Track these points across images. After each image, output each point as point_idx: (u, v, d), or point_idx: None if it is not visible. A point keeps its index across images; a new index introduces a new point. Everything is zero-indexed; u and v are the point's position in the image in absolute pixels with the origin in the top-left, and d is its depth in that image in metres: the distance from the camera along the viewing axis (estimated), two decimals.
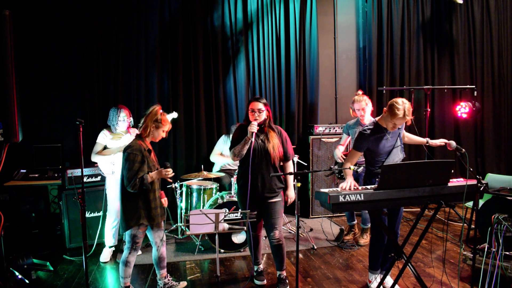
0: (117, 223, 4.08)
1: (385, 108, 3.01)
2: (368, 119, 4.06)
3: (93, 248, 4.17)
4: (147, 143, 3.08)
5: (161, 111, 3.10)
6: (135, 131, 4.13)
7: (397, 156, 3.15)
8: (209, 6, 5.52)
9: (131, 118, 4.14)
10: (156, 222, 3.03)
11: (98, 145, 4.00)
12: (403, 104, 2.89)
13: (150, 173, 2.96)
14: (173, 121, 5.14)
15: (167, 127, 3.11)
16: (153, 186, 3.03)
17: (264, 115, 3.20)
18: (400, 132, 3.19)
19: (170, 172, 3.00)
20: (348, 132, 4.31)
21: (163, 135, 3.12)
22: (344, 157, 4.14)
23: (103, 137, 4.02)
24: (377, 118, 3.14)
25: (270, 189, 3.23)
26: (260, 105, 3.18)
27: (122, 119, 4.00)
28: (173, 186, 4.42)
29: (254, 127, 3.13)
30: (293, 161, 4.54)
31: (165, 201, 3.25)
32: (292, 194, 3.40)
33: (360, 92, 4.17)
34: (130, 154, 2.91)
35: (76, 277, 3.65)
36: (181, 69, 5.40)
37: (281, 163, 3.35)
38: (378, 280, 3.31)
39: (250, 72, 5.72)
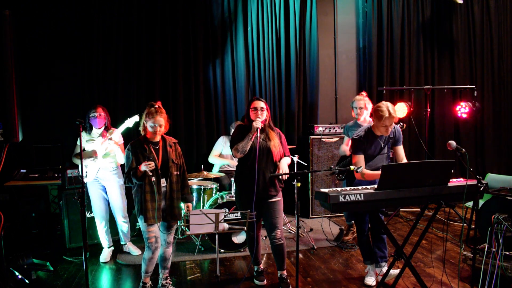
0: (105, 224, 4.09)
1: (372, 117, 3.15)
2: (364, 118, 4.11)
3: (90, 248, 4.16)
4: (151, 139, 3.07)
5: (156, 105, 3.03)
6: (113, 133, 3.86)
7: (380, 162, 3.18)
8: (209, 9, 5.52)
9: (104, 116, 3.94)
10: (152, 222, 3.00)
11: (77, 146, 3.98)
12: (385, 105, 3.04)
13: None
14: (173, 121, 5.13)
15: (154, 120, 2.98)
16: (146, 186, 2.98)
17: (265, 114, 3.24)
18: (393, 141, 3.25)
19: (149, 164, 2.89)
20: (348, 134, 4.33)
21: (156, 129, 3.00)
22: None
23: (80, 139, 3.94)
24: (371, 125, 3.23)
25: (271, 188, 3.23)
26: (262, 104, 3.23)
27: (92, 115, 3.90)
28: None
29: (258, 123, 3.16)
30: (293, 161, 4.54)
31: (188, 207, 3.28)
32: (284, 165, 3.24)
33: (364, 93, 4.20)
34: (126, 152, 3.09)
35: (76, 277, 3.65)
36: (181, 69, 5.40)
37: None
38: (371, 272, 3.42)
39: (250, 72, 5.71)
